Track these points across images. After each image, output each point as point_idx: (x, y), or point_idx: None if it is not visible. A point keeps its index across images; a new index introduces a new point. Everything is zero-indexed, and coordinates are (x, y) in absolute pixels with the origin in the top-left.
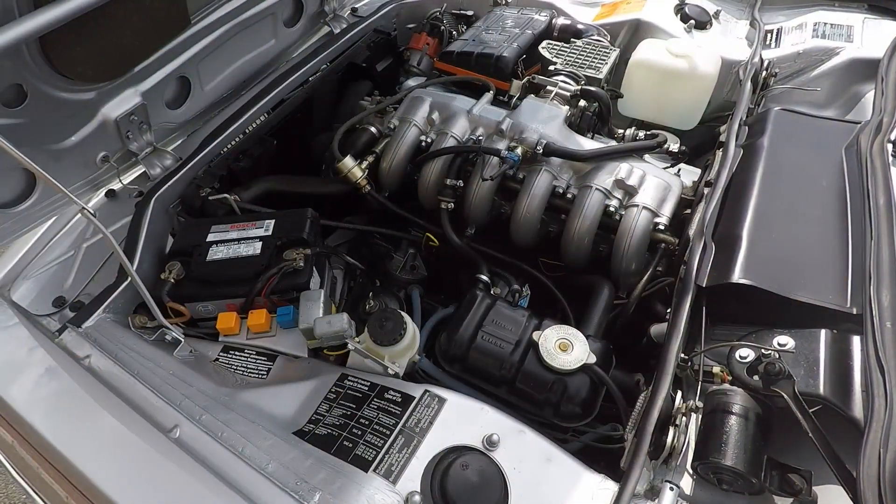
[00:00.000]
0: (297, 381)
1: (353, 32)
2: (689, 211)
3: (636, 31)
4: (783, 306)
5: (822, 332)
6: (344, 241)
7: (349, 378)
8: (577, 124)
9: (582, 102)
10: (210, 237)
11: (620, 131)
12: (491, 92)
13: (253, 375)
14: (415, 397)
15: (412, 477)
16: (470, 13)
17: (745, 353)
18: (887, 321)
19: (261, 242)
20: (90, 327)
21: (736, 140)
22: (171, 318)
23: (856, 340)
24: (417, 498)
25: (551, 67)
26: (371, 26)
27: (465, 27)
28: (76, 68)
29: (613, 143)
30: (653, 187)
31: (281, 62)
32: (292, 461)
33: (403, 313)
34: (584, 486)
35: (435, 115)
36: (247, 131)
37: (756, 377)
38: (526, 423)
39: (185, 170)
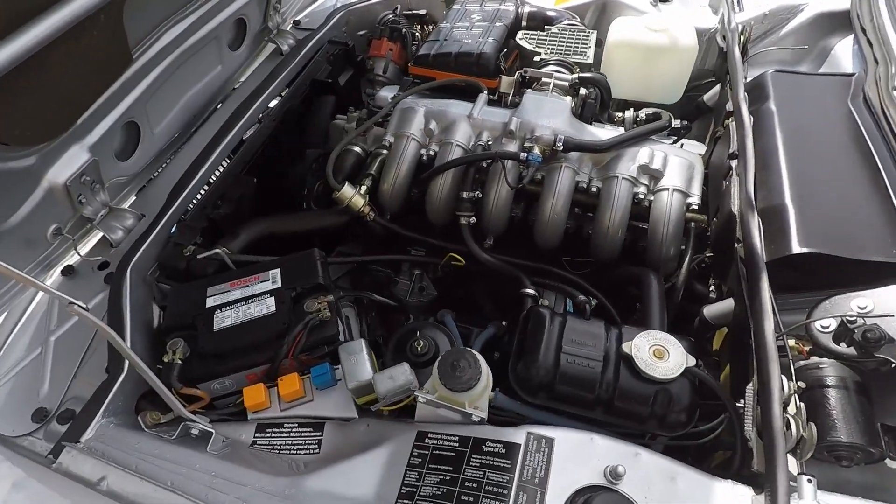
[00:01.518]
0: (364, 451)
1: (307, 47)
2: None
3: (603, 11)
4: (847, 269)
5: (893, 286)
6: (340, 274)
7: (429, 436)
8: (581, 114)
9: (582, 90)
10: (210, 302)
11: (619, 115)
12: (485, 93)
13: (303, 452)
14: (519, 444)
15: None
16: (423, 12)
17: (827, 323)
18: None
19: (272, 297)
20: (92, 440)
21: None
22: (189, 406)
23: None
24: None
25: (537, 59)
26: (325, 38)
27: (419, 27)
28: (11, 131)
29: (621, 129)
30: (678, 168)
31: (229, 88)
32: None
33: (474, 351)
34: (718, 497)
35: (433, 125)
36: (216, 174)
37: (844, 345)
38: (633, 443)
39: (157, 228)
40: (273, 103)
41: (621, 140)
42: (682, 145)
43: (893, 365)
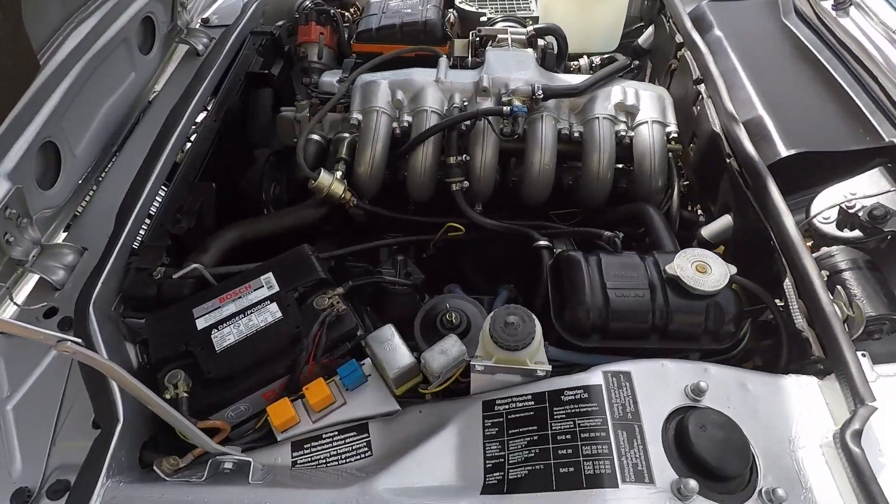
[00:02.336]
0: (427, 439)
1: (231, 41)
2: None
3: None
4: (828, 163)
5: (878, 169)
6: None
7: (497, 403)
8: (543, 64)
9: (540, 42)
10: (200, 323)
11: (574, 64)
12: (445, 57)
13: (354, 459)
14: (599, 384)
15: (661, 466)
16: None
17: (827, 215)
18: None
19: (274, 303)
20: None
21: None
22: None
23: None
24: (692, 483)
25: (483, 18)
26: (245, 30)
27: (338, 9)
28: None
29: (585, 75)
30: (650, 100)
31: (146, 98)
32: None
33: (525, 309)
34: (790, 392)
35: (400, 96)
36: (163, 189)
37: (847, 230)
38: (696, 360)
39: (113, 257)
40: (211, 103)
41: (596, 80)
42: None
43: None
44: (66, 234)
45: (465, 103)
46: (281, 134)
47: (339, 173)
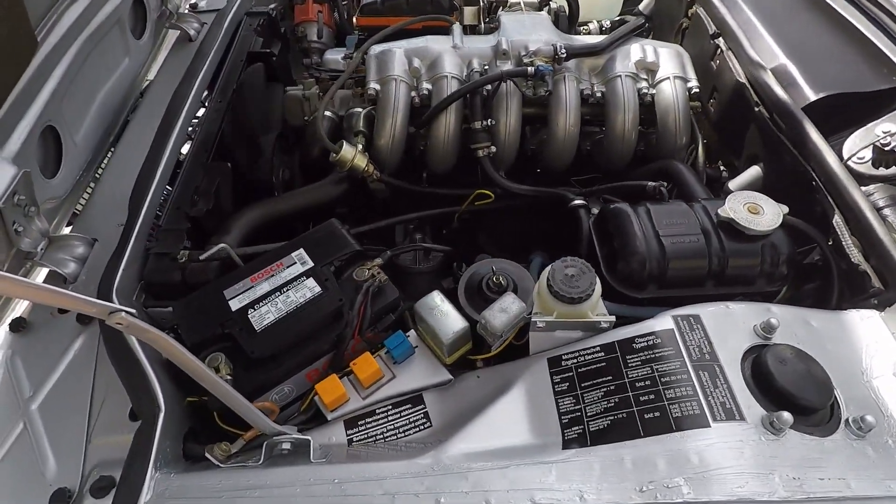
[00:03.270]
0: (492, 402)
1: (226, 24)
2: None
3: None
4: (855, 105)
5: None
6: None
7: (564, 358)
8: (557, 27)
9: (552, 4)
10: (234, 304)
11: (584, 28)
12: (457, 23)
13: (413, 432)
14: (671, 328)
15: (748, 403)
16: None
17: (862, 155)
18: None
19: (311, 278)
20: (154, 501)
21: None
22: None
23: None
24: (786, 415)
25: None
26: (241, 11)
27: None
28: None
29: (599, 37)
30: (669, 57)
31: (140, 85)
32: (626, 472)
33: (582, 260)
34: (854, 326)
35: (417, 63)
36: (177, 171)
37: (883, 168)
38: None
39: (131, 243)
40: (219, 82)
41: (615, 39)
42: None
43: None
44: (69, 227)
45: (486, 67)
46: (288, 114)
47: (360, 146)
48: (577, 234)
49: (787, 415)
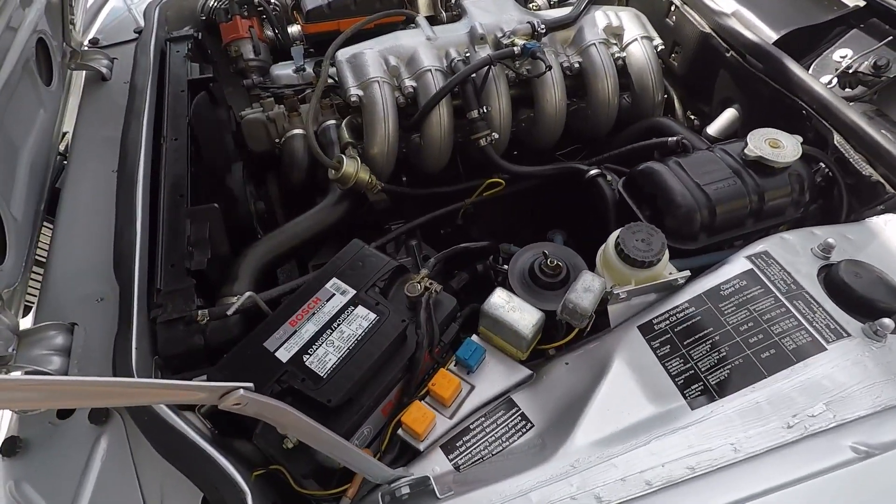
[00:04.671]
0: (598, 386)
1: (151, 54)
2: None
3: None
4: (810, 36)
5: (853, 31)
6: None
7: (656, 323)
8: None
9: None
10: (282, 354)
11: (532, 4)
12: (421, 15)
13: (518, 436)
14: (750, 268)
15: (845, 319)
16: None
17: (826, 79)
18: None
19: (360, 306)
20: None
21: None
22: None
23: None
24: (887, 321)
25: None
26: (160, 39)
27: None
28: None
29: (560, 9)
30: (630, 19)
31: (59, 137)
32: (765, 414)
33: (644, 223)
34: (882, 231)
35: (393, 62)
36: (160, 228)
37: (849, 88)
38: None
39: (134, 318)
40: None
41: (582, 8)
42: None
43: None
44: (33, 315)
45: (468, 54)
46: (251, 140)
47: (358, 158)
48: (600, 205)
49: (888, 321)
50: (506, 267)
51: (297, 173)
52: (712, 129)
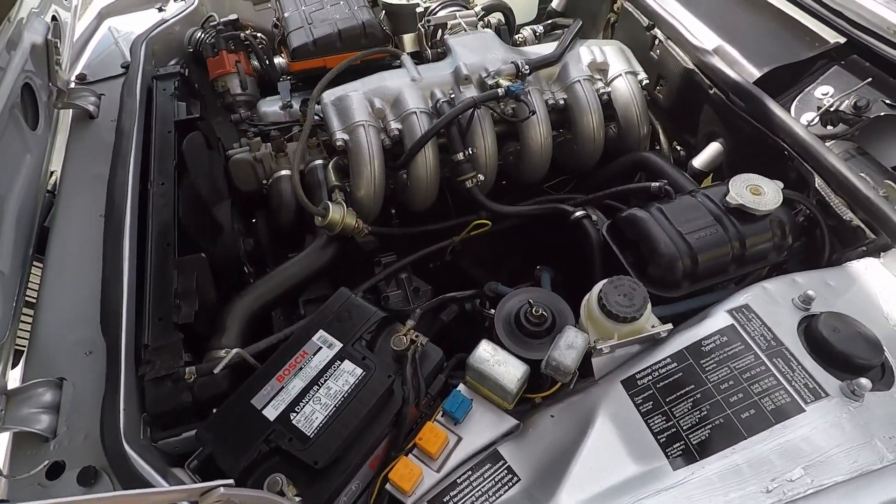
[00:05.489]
0: (582, 442)
1: (138, 93)
2: None
3: None
4: (791, 73)
5: (835, 69)
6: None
7: (638, 378)
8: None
9: (491, 19)
10: (269, 412)
11: (519, 36)
12: (406, 54)
13: (505, 490)
14: (731, 323)
15: (823, 377)
16: (234, 17)
17: (809, 117)
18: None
19: (346, 360)
20: None
21: None
22: None
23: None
24: (864, 381)
25: (419, 10)
26: (147, 76)
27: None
28: None
29: (540, 46)
30: (614, 54)
31: (46, 180)
32: (745, 477)
33: (626, 277)
34: (861, 276)
35: (379, 104)
36: (147, 279)
37: (831, 126)
38: (776, 273)
39: (122, 376)
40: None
41: (566, 45)
42: None
43: (885, 113)
44: (22, 367)
45: (452, 95)
46: (238, 180)
47: (343, 203)
48: (585, 245)
49: (864, 381)
50: (492, 311)
51: (285, 215)
52: (697, 161)
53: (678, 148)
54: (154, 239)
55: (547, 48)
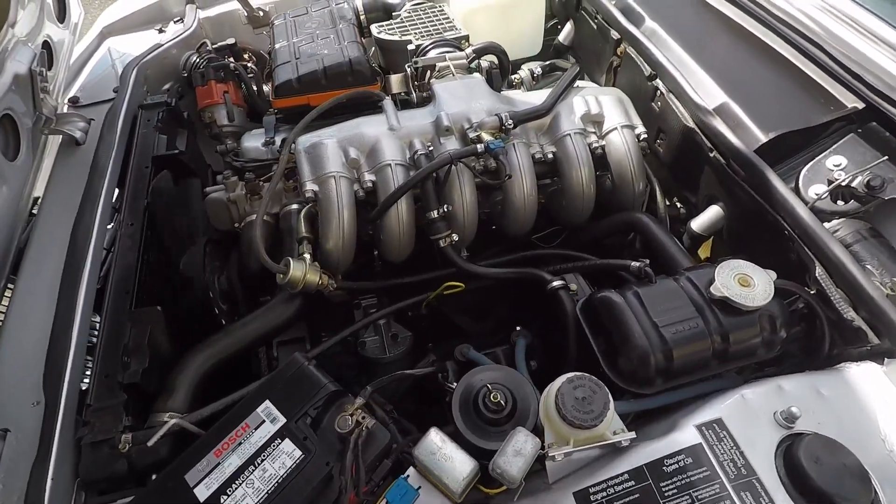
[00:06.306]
0: None
1: (120, 123)
2: None
3: None
4: (802, 138)
5: (851, 136)
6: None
7: (591, 492)
8: (491, 86)
9: (482, 63)
10: (201, 492)
11: (515, 77)
12: (388, 98)
13: None
14: (699, 443)
15: None
16: (232, 41)
17: (819, 190)
18: None
19: (286, 439)
20: None
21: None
22: None
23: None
24: None
25: (410, 47)
26: (133, 104)
27: (232, 60)
28: None
29: (519, 92)
30: (612, 105)
31: (25, 209)
32: None
33: (589, 376)
34: (858, 385)
35: (353, 154)
36: (95, 333)
37: (842, 202)
38: (759, 377)
39: (56, 437)
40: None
41: (557, 96)
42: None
43: None
44: None
45: (430, 148)
46: (214, 220)
47: (307, 256)
48: (561, 317)
49: None
50: (454, 385)
51: (254, 262)
52: (696, 224)
53: (678, 205)
54: (113, 286)
55: (540, 95)
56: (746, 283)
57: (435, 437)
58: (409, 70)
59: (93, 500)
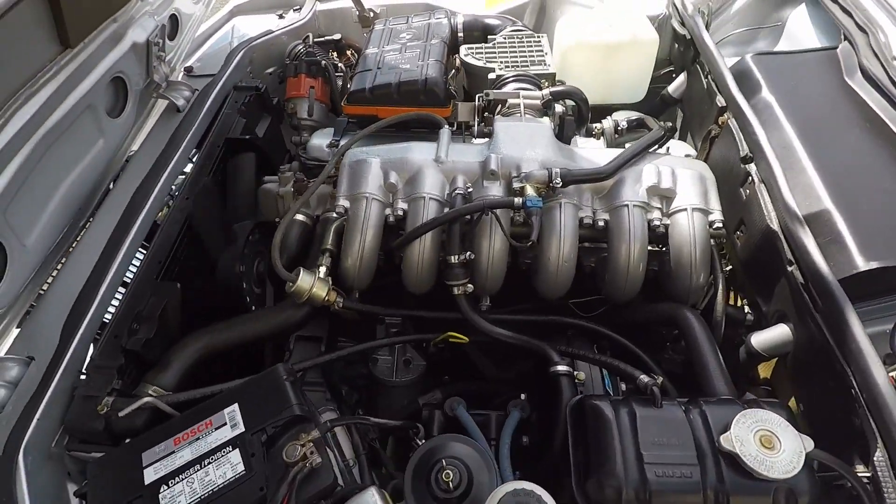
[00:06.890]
0: None
1: (210, 100)
2: None
3: (542, 10)
4: None
5: None
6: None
7: None
8: (561, 134)
9: (557, 108)
10: (148, 474)
11: (597, 126)
12: (447, 127)
13: None
14: None
15: None
16: (337, 37)
17: None
18: None
19: (236, 450)
20: None
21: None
22: None
23: None
24: None
25: (491, 76)
26: (229, 84)
27: (336, 55)
28: None
29: (598, 143)
30: (689, 182)
31: (119, 162)
32: None
33: (540, 492)
34: None
35: (393, 178)
36: (121, 289)
37: None
38: None
39: (55, 381)
40: (180, 178)
41: (624, 161)
42: (668, 149)
43: None
44: (16, 332)
45: (470, 189)
46: (263, 209)
47: (323, 269)
48: (557, 406)
49: None
50: (423, 443)
51: (285, 257)
52: (757, 340)
53: (746, 310)
54: (150, 254)
55: (613, 153)
56: (769, 445)
57: (375, 497)
58: (478, 101)
59: (71, 445)
